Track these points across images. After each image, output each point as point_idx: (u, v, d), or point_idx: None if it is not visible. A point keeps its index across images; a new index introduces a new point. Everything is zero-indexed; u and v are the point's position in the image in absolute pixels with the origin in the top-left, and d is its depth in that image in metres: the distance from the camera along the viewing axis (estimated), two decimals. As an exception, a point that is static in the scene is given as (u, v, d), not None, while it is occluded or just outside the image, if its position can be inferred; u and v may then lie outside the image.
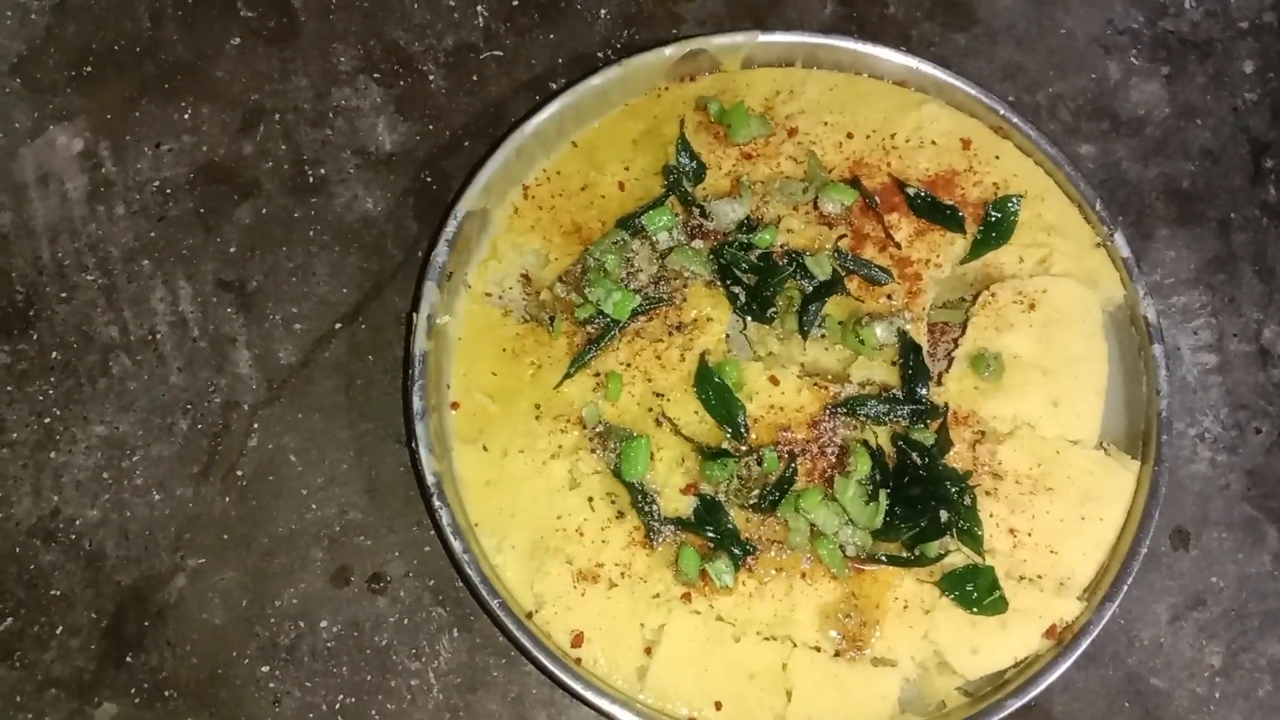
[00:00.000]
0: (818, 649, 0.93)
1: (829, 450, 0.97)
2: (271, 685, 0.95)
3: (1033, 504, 0.96)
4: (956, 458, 0.97)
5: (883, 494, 0.94)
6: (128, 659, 0.96)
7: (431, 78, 1.11)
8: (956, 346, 1.01)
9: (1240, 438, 1.06)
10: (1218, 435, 1.06)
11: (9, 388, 1.01)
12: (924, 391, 0.98)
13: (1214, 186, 1.14)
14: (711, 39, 1.06)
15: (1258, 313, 1.10)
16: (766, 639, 0.93)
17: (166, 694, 0.95)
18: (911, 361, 0.98)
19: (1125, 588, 0.94)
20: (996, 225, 1.03)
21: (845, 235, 1.02)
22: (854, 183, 1.04)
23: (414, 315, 0.98)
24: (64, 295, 1.04)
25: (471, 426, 0.99)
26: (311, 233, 1.06)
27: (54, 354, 1.02)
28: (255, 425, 1.01)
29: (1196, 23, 1.19)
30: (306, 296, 1.05)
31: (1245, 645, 1.01)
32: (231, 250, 1.05)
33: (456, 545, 0.92)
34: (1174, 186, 1.13)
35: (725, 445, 0.97)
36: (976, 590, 0.93)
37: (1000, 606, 0.93)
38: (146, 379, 1.02)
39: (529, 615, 0.93)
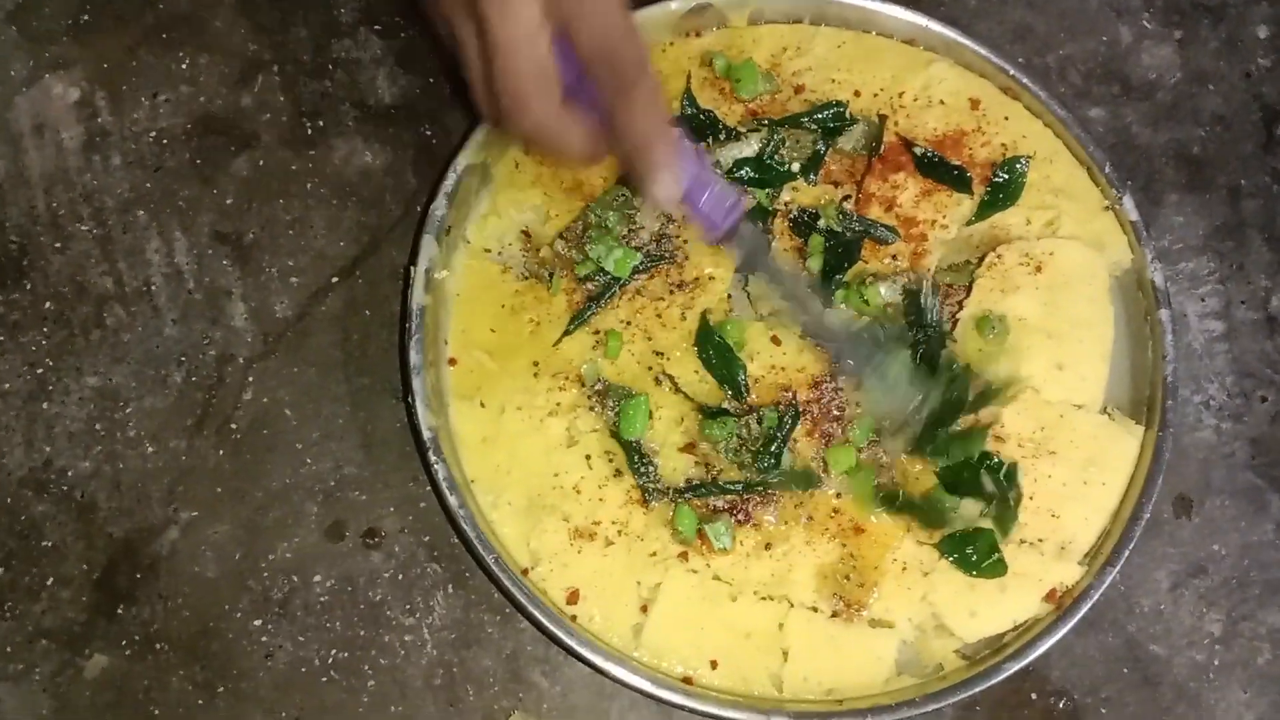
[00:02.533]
0: (815, 609, 0.93)
1: (832, 409, 0.97)
2: (264, 639, 0.95)
3: (1035, 468, 0.96)
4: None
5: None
6: (119, 611, 0.95)
7: (433, 29, 1.09)
8: (961, 309, 1.00)
9: (1246, 406, 1.05)
10: (1223, 403, 1.05)
11: (1, 338, 1.00)
12: (937, 319, 0.98)
13: (1224, 153, 1.12)
14: (720, -6, 1.05)
15: (1266, 280, 1.09)
16: (763, 599, 0.92)
17: (158, 646, 0.94)
18: (921, 303, 0.97)
19: (1126, 553, 0.94)
20: (1004, 187, 1.01)
21: (849, 197, 1.01)
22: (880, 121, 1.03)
23: (411, 269, 0.96)
24: (58, 245, 1.02)
25: (469, 383, 0.98)
26: (309, 185, 1.05)
27: (47, 304, 1.01)
28: (250, 378, 1.00)
29: (1210, -13, 1.17)
30: (303, 250, 1.03)
31: (1246, 614, 1.00)
32: (228, 202, 1.04)
33: (452, 500, 0.91)
34: (1184, 152, 1.12)
35: (725, 404, 0.96)
36: (976, 553, 0.92)
37: (999, 570, 0.92)
38: (141, 331, 1.01)
39: (524, 572, 0.92)
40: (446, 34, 0.83)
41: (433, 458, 0.92)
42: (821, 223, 0.99)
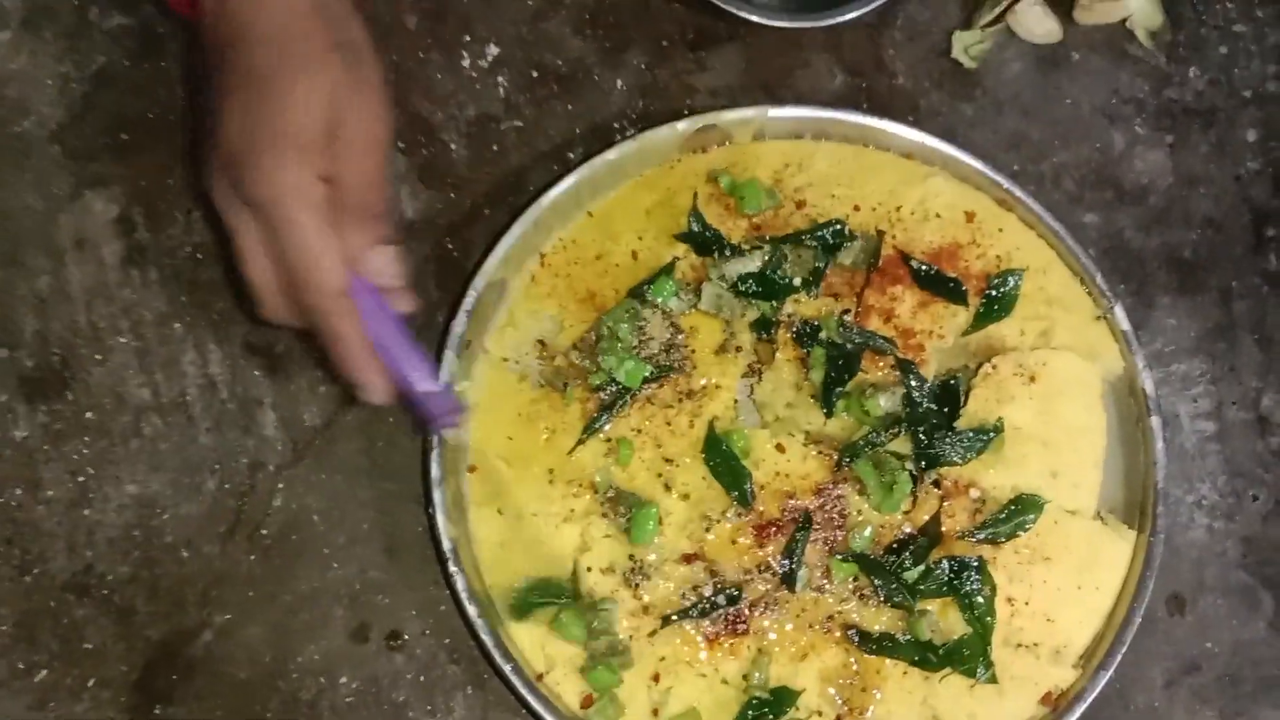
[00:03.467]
0: (819, 713, 0.97)
1: (835, 516, 1.01)
2: (293, 739, 0.99)
3: (1030, 573, 0.99)
4: (955, 524, 1.01)
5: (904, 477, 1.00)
6: (156, 711, 1.00)
7: (453, 147, 1.14)
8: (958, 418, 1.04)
9: (1238, 505, 1.09)
10: (1215, 502, 1.09)
11: (46, 447, 1.06)
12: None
13: (1215, 255, 1.16)
14: (723, 114, 1.10)
15: (1257, 381, 1.12)
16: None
17: (193, 746, 0.99)
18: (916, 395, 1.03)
19: (1120, 655, 0.97)
20: (998, 299, 1.05)
21: (849, 310, 1.05)
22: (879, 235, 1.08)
23: (433, 383, 1.01)
24: (99, 358, 1.08)
25: (487, 489, 1.02)
26: (336, 298, 1.10)
27: (88, 414, 1.07)
28: (280, 485, 1.05)
29: (1200, 91, 1.21)
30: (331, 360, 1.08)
31: (1239, 710, 1.04)
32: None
33: (471, 610, 0.96)
34: (1176, 255, 1.16)
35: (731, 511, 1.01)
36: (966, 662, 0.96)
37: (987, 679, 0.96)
38: (177, 440, 1.06)
39: (539, 677, 0.97)
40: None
41: (453, 568, 0.97)
42: (823, 334, 1.04)
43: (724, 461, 1.01)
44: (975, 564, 0.97)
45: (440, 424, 0.98)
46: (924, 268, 1.06)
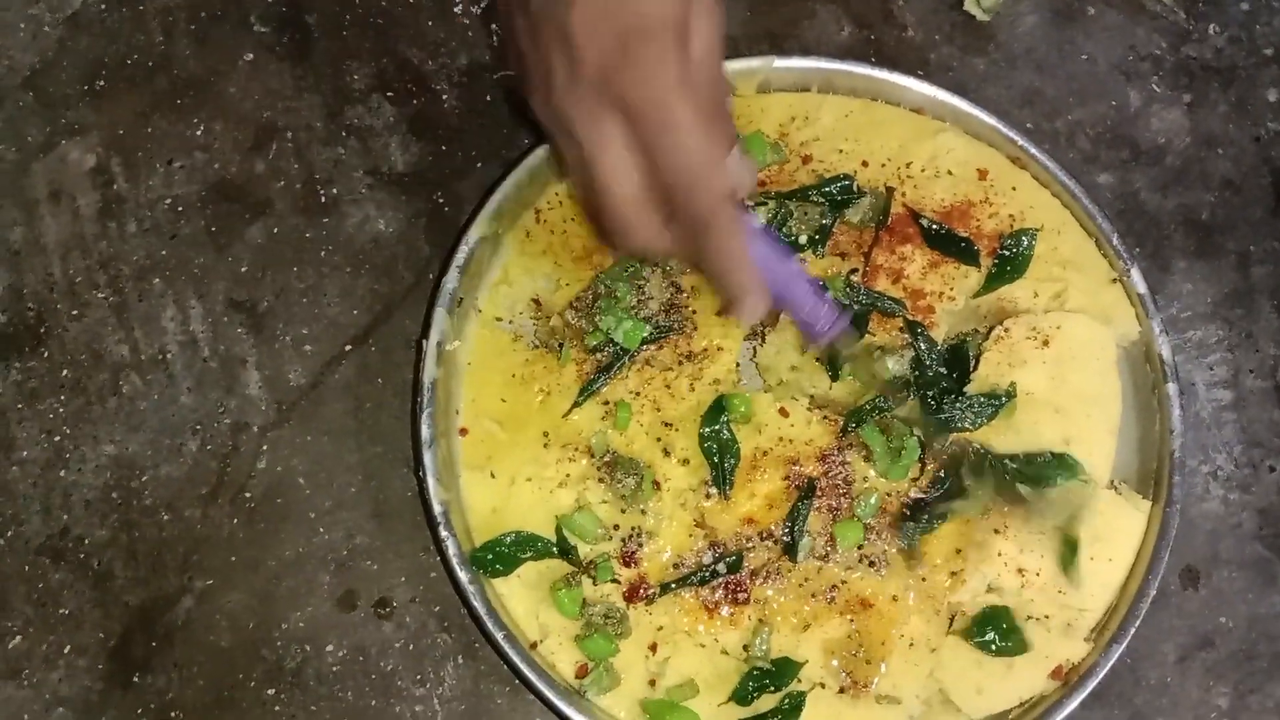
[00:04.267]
0: (822, 685, 0.93)
1: (839, 482, 0.97)
2: (277, 708, 0.96)
3: (1042, 544, 0.96)
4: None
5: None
6: (134, 679, 0.96)
7: (445, 97, 1.10)
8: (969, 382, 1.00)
9: (1254, 476, 1.06)
10: (1231, 473, 1.06)
11: (19, 405, 1.02)
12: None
13: (1234, 218, 1.12)
14: (728, 64, 1.04)
15: (1275, 349, 1.09)
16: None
17: (173, 715, 0.96)
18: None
19: (1133, 629, 0.94)
20: (1011, 260, 1.02)
21: (856, 270, 1.01)
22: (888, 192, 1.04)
23: (424, 342, 0.97)
24: (75, 313, 1.04)
25: (479, 453, 0.98)
26: (323, 253, 1.06)
27: (64, 372, 1.02)
28: (264, 447, 1.01)
29: (1220, 49, 1.17)
30: (317, 318, 1.04)
31: (1253, 686, 1.01)
32: (243, 270, 1.05)
33: (463, 576, 0.93)
34: (1193, 217, 1.12)
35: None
36: (995, 632, 0.92)
37: (1021, 647, 0.93)
38: (156, 399, 1.02)
39: (533, 646, 0.94)
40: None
41: (444, 533, 0.93)
42: (829, 295, 1.00)
43: (717, 439, 0.97)
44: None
45: (825, 334, 0.91)
46: (934, 226, 1.02)
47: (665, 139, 0.74)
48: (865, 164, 1.05)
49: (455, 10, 1.12)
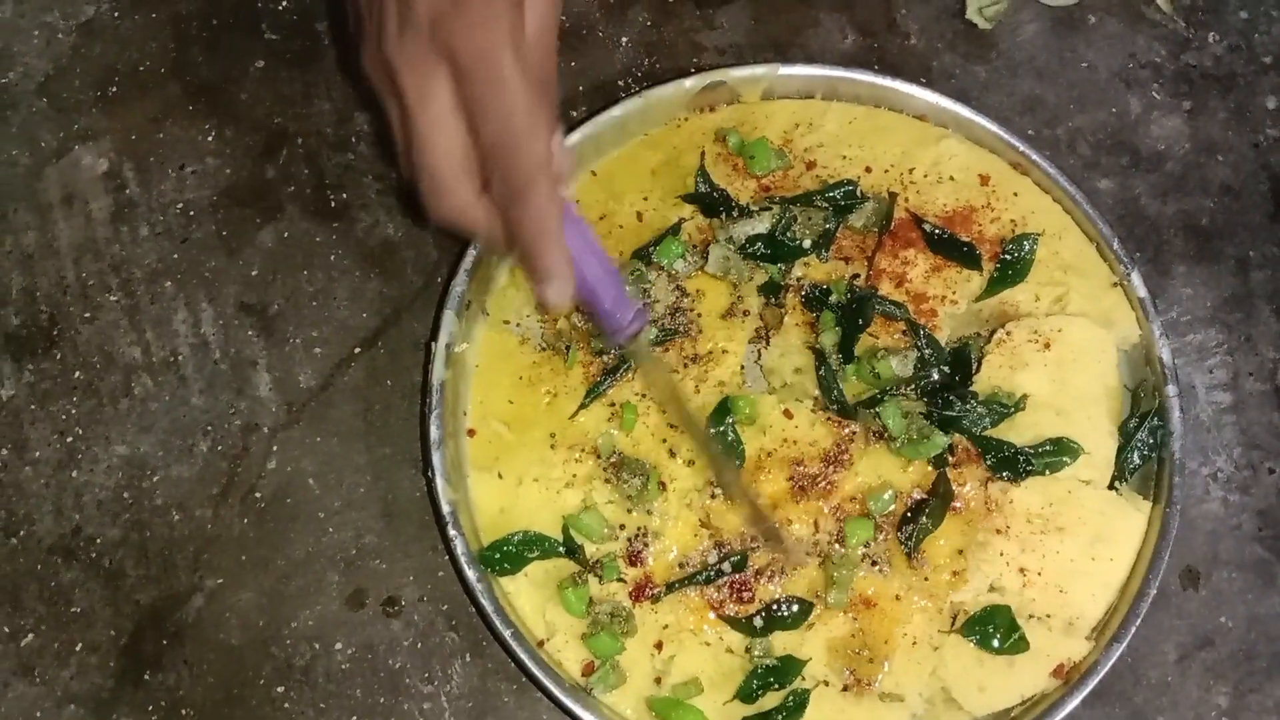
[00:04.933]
0: (826, 683, 0.94)
1: (844, 484, 0.98)
2: (286, 706, 0.97)
3: (1043, 543, 0.97)
4: (967, 495, 0.98)
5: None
6: (145, 677, 0.97)
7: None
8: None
9: (1253, 478, 1.07)
10: (1230, 475, 1.07)
11: (32, 406, 1.03)
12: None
13: (1233, 223, 1.13)
14: (731, 71, 1.07)
15: (1274, 352, 1.10)
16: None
17: (183, 712, 0.96)
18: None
19: (1133, 629, 0.95)
20: (1013, 264, 1.03)
21: (859, 275, 1.03)
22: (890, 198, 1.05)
23: (432, 344, 0.99)
24: (87, 315, 1.05)
25: (487, 454, 1.00)
26: (333, 257, 1.07)
27: (77, 374, 1.04)
28: (274, 448, 1.02)
29: (1219, 57, 1.19)
30: (327, 321, 1.06)
31: (1253, 686, 1.02)
32: (253, 273, 1.07)
33: (470, 574, 0.94)
34: (1193, 223, 1.13)
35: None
36: (997, 631, 0.93)
37: (1021, 646, 0.93)
38: (168, 400, 1.03)
39: (540, 643, 0.94)
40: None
41: (452, 532, 0.94)
42: (833, 298, 1.01)
43: (721, 441, 0.98)
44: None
45: (623, 334, 0.90)
46: (937, 231, 1.03)
47: (490, 96, 0.72)
48: (869, 170, 1.07)
49: (464, 18, 1.14)
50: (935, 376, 0.99)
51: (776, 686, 0.93)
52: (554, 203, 0.77)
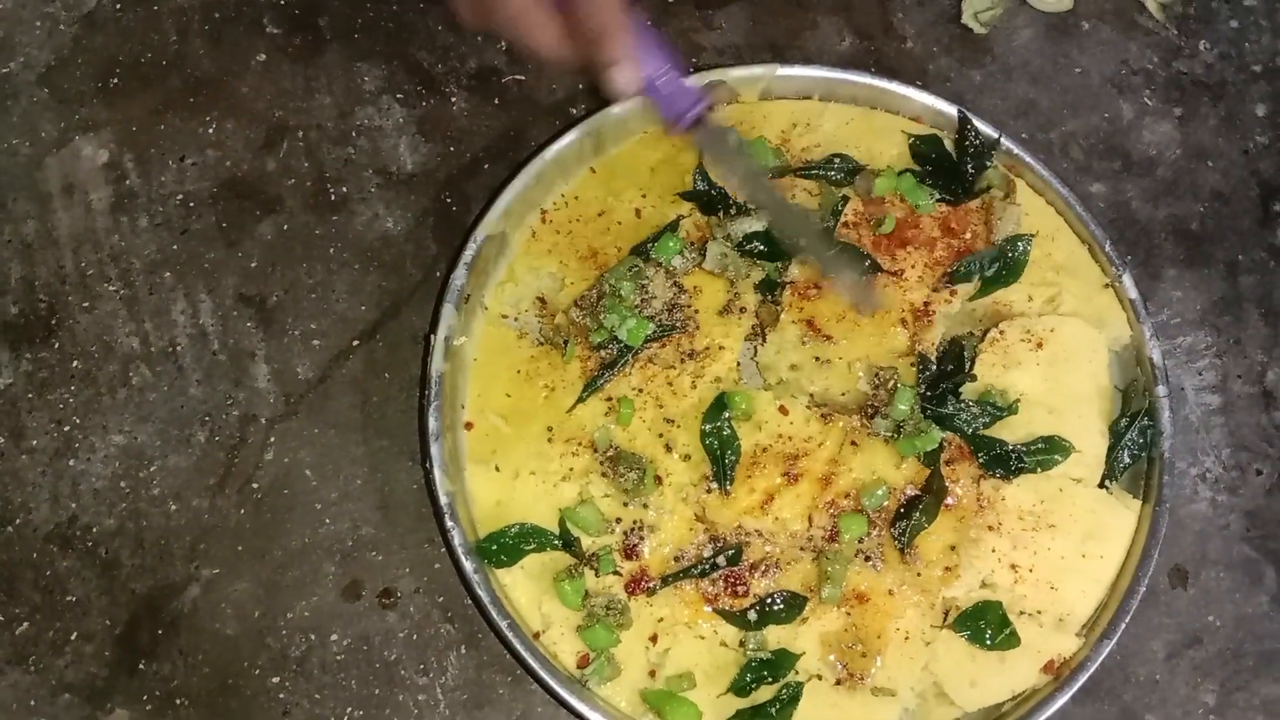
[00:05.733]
0: (819, 677, 0.95)
1: (839, 479, 0.99)
2: (281, 696, 0.97)
3: (1035, 540, 0.98)
4: (960, 492, 0.99)
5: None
6: (140, 666, 0.97)
7: (454, 99, 1.12)
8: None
9: (1241, 479, 1.08)
10: (1219, 475, 1.08)
11: (30, 395, 1.03)
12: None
13: (1223, 228, 1.15)
14: (730, 71, 1.08)
15: (1262, 355, 1.11)
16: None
17: (178, 702, 0.97)
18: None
19: (1123, 626, 0.96)
20: (1006, 264, 1.04)
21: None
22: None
23: (431, 337, 0.99)
24: (86, 305, 1.05)
25: (485, 447, 1.00)
26: (332, 250, 1.08)
27: (75, 363, 1.04)
28: (272, 439, 1.03)
29: (1210, 64, 1.20)
30: (326, 313, 1.06)
31: (1240, 684, 1.03)
32: (253, 265, 1.07)
33: (467, 565, 0.94)
34: (1183, 227, 1.15)
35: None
36: (989, 627, 0.94)
37: (1013, 642, 0.94)
38: (166, 390, 1.03)
39: (536, 635, 0.95)
40: None
41: (449, 523, 0.95)
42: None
43: (718, 435, 0.99)
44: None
45: (686, 117, 0.91)
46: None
47: None
48: (864, 170, 1.08)
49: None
50: (929, 374, 1.00)
51: (770, 680, 0.94)
52: None
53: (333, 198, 1.09)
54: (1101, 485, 1.01)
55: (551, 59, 0.85)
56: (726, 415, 0.99)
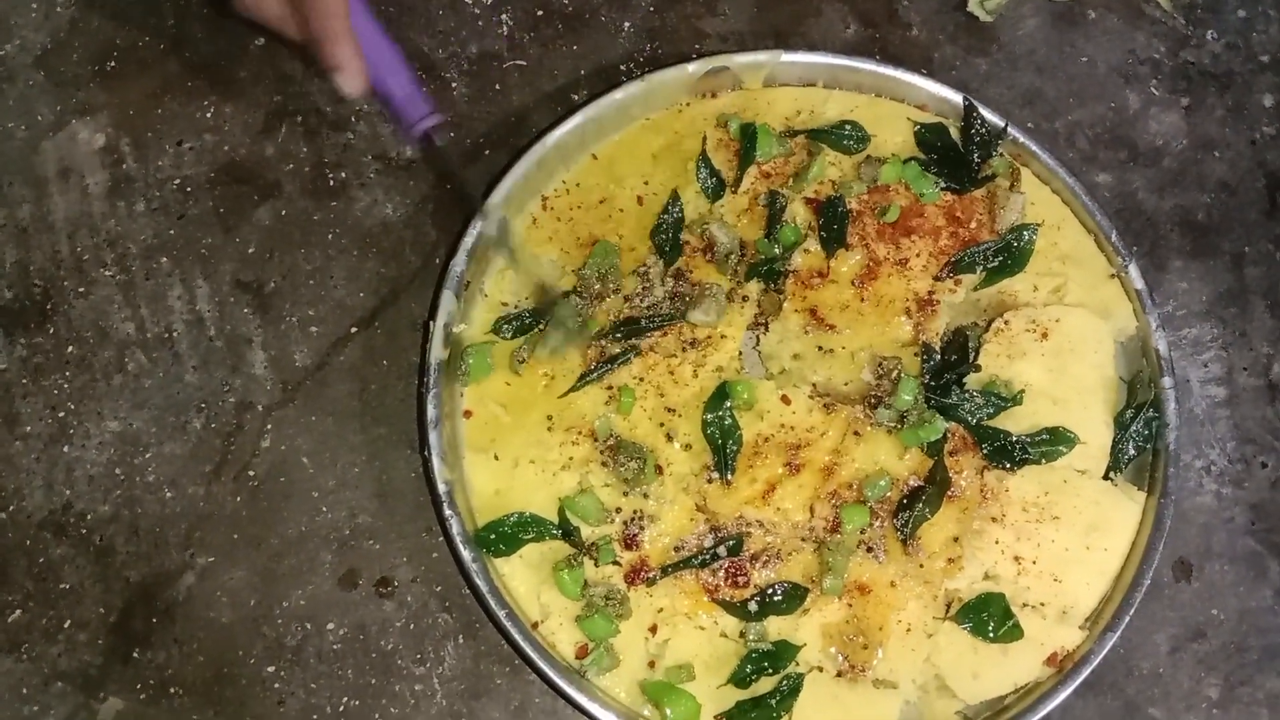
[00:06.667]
0: (820, 668, 0.94)
1: (840, 470, 0.98)
2: (277, 685, 0.96)
3: (1038, 532, 0.97)
4: (964, 483, 0.98)
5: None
6: (134, 655, 0.96)
7: (454, 85, 1.11)
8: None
9: (1246, 472, 1.07)
10: (1224, 468, 1.07)
11: (24, 380, 1.02)
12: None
13: (1229, 219, 1.14)
14: (734, 57, 1.07)
15: (1268, 348, 1.10)
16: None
17: (172, 691, 0.96)
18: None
19: (1127, 618, 0.95)
20: (1012, 253, 1.03)
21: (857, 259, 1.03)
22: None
23: (430, 323, 0.98)
24: (81, 290, 1.04)
25: (484, 435, 0.99)
26: (330, 236, 1.07)
27: (70, 348, 1.03)
28: (269, 426, 1.02)
29: (1217, 54, 1.19)
30: (323, 300, 1.05)
31: (1244, 678, 1.02)
32: (250, 251, 1.06)
33: (466, 554, 0.93)
34: (1189, 218, 1.14)
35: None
36: (991, 619, 0.93)
37: (1015, 634, 0.94)
38: (162, 376, 1.02)
39: (534, 625, 0.94)
40: None
41: (447, 512, 0.94)
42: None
43: (719, 424, 0.98)
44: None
45: (419, 125, 0.93)
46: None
47: None
48: (868, 158, 1.06)
49: (466, 0, 1.13)
50: (933, 364, 1.00)
51: (770, 671, 0.93)
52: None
53: (331, 183, 1.08)
54: (1106, 477, 1.00)
55: (297, 42, 0.89)
56: (728, 405, 0.98)
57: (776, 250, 1.03)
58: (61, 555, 0.98)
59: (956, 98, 1.07)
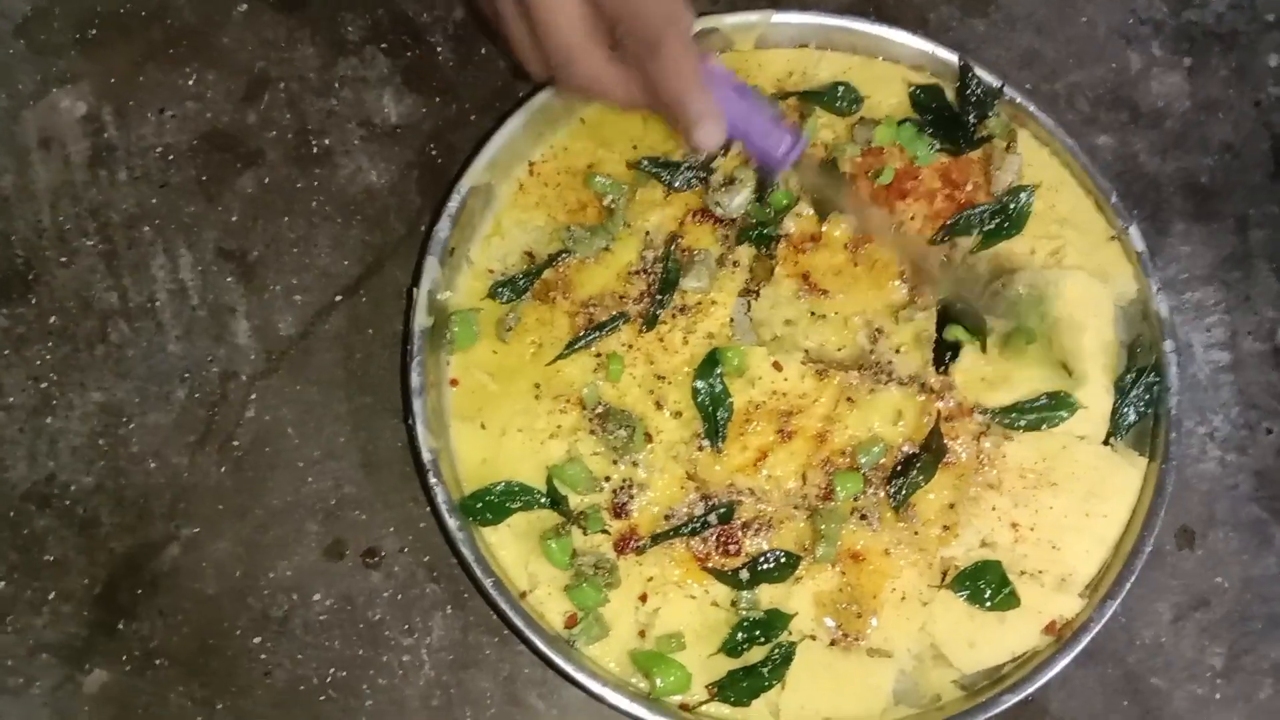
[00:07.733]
0: (813, 637, 0.93)
1: (833, 436, 0.96)
2: (263, 656, 0.95)
3: (1036, 499, 0.95)
4: (959, 449, 0.96)
5: None
6: (119, 626, 0.95)
7: (440, 50, 1.09)
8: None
9: (1250, 437, 1.05)
10: (1228, 434, 1.05)
11: (6, 352, 1.01)
12: None
13: (1233, 182, 1.12)
14: (724, 18, 1.05)
15: (1273, 312, 1.08)
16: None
17: (157, 662, 0.94)
18: None
19: (1128, 586, 0.93)
20: (1009, 216, 1.01)
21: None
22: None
23: (414, 290, 0.97)
24: (64, 260, 1.03)
25: (470, 404, 0.98)
26: (314, 204, 1.05)
27: (52, 319, 1.01)
28: (253, 396, 1.00)
29: (1221, 14, 1.17)
30: (308, 268, 1.03)
31: (1247, 647, 1.00)
32: (233, 219, 1.04)
33: (452, 523, 0.92)
34: (1192, 181, 1.11)
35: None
36: (987, 587, 0.92)
37: (1012, 602, 0.92)
38: (145, 346, 1.01)
39: (523, 595, 0.93)
40: (488, 7, 0.83)
41: (433, 480, 0.92)
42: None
43: (710, 391, 0.96)
44: None
45: (784, 161, 0.89)
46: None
47: None
48: (862, 119, 1.04)
49: (452, -37, 1.12)
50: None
51: (762, 640, 0.91)
52: (689, 48, 0.79)
53: (315, 150, 1.06)
54: (1106, 443, 0.98)
55: (635, 110, 0.85)
56: (719, 371, 0.96)
57: (769, 214, 1.01)
58: (45, 527, 0.97)
59: (952, 58, 1.05)
